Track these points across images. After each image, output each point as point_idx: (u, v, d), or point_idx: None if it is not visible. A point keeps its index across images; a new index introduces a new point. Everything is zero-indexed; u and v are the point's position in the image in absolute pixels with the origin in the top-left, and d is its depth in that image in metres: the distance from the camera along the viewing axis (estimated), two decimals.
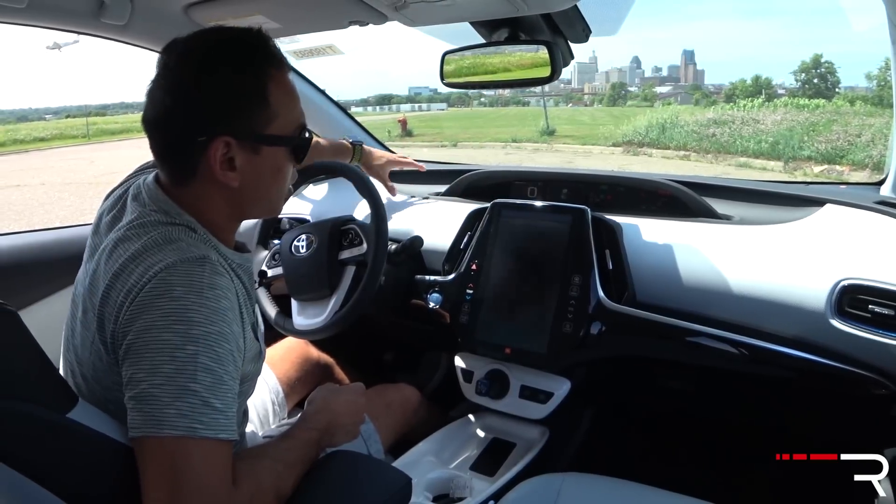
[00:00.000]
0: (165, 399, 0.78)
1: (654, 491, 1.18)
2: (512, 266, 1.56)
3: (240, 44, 0.92)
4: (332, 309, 1.58)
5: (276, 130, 0.92)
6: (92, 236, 1.01)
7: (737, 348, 1.34)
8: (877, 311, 1.22)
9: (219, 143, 0.89)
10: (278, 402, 1.59)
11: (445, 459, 1.54)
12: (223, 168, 0.90)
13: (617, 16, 1.36)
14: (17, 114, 52.82)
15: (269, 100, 0.91)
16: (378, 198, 1.57)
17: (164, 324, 0.80)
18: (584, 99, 60.18)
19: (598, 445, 1.67)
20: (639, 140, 22.03)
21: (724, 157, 18.93)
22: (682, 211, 1.58)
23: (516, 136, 25.86)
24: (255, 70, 0.90)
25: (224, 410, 0.81)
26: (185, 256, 0.85)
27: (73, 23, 1.47)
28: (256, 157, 0.92)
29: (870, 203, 1.41)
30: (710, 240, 1.46)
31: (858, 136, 17.13)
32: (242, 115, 0.90)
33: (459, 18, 1.35)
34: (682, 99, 47.07)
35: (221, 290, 0.86)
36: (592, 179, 1.74)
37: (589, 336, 1.43)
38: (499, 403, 1.55)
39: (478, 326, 1.55)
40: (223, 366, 0.82)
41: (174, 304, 0.81)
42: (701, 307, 1.41)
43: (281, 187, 0.99)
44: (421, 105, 59.14)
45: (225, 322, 0.84)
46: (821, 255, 1.33)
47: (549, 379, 1.51)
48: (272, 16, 1.41)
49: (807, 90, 34.61)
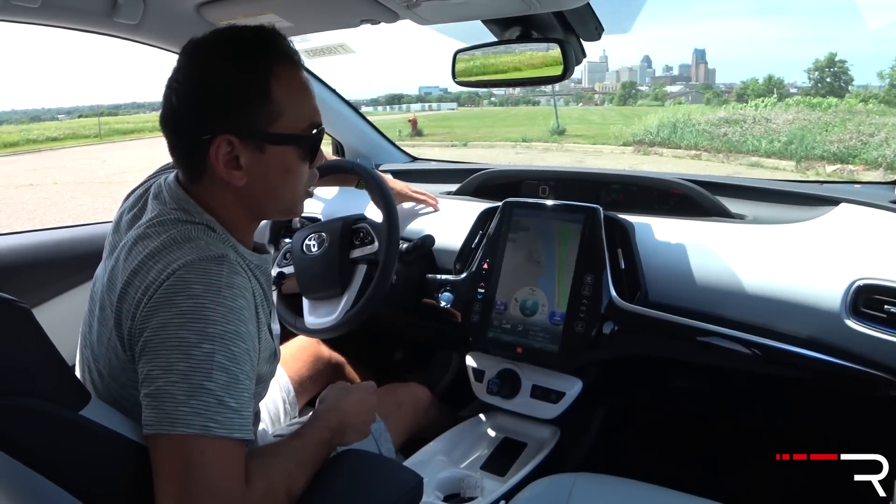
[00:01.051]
0: (181, 397, 0.78)
1: (666, 492, 1.17)
2: (523, 265, 1.55)
3: (242, 42, 0.92)
4: (344, 307, 1.58)
5: (281, 129, 0.92)
6: (112, 234, 1.02)
7: (750, 349, 1.32)
8: (893, 311, 1.21)
9: (221, 142, 0.88)
10: (289, 400, 1.59)
11: (456, 459, 1.54)
12: (228, 167, 0.90)
13: (630, 13, 1.35)
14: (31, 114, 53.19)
15: (273, 97, 0.90)
16: (390, 196, 1.57)
17: (181, 321, 0.80)
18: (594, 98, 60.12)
19: (609, 445, 1.66)
20: (649, 139, 21.93)
21: (736, 156, 18.80)
22: (694, 210, 1.57)
23: (526, 135, 25.80)
24: (257, 67, 0.90)
25: (239, 410, 0.81)
26: (204, 255, 0.85)
27: (86, 22, 1.47)
28: (262, 155, 0.91)
29: (885, 202, 1.39)
30: (723, 239, 1.45)
31: (871, 136, 16.97)
32: (244, 113, 0.89)
33: (471, 17, 1.35)
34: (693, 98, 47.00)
35: (239, 290, 0.86)
36: (604, 179, 1.73)
37: (601, 336, 1.43)
38: (510, 403, 1.55)
39: (489, 326, 1.55)
40: (239, 365, 0.82)
41: (191, 301, 0.81)
42: (714, 307, 1.40)
43: (294, 188, 0.98)
44: (431, 105, 59.27)
45: (241, 321, 0.84)
46: (835, 255, 1.32)
47: (561, 379, 1.51)
48: (284, 14, 1.41)
49: (819, 89, 34.44)
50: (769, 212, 1.54)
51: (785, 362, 1.31)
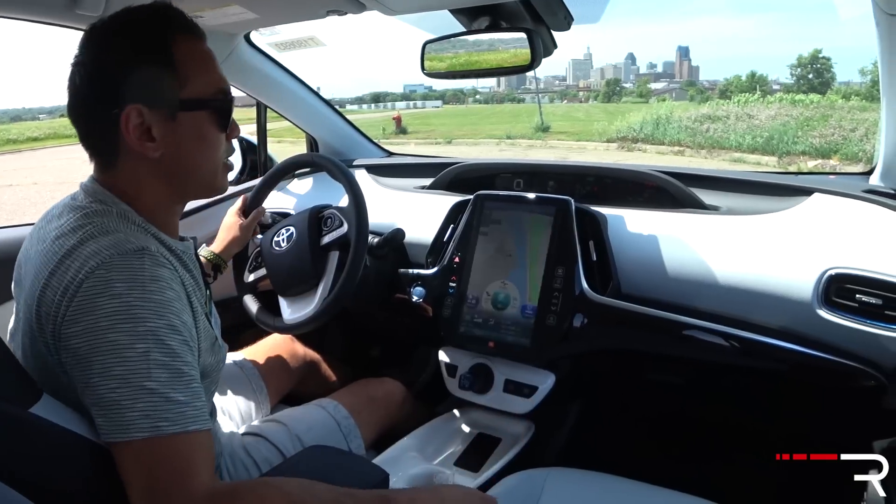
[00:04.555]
0: (125, 402, 0.76)
1: (638, 485, 1.17)
2: (495, 258, 1.53)
3: (139, 19, 0.91)
4: (321, 296, 1.54)
5: (189, 94, 0.91)
6: (31, 239, 0.98)
7: (724, 340, 1.31)
8: (864, 300, 1.20)
9: (130, 112, 0.87)
10: (261, 398, 1.56)
11: (429, 455, 1.52)
12: (141, 139, 0.89)
13: (600, 4, 1.33)
14: (11, 114, 52.56)
15: (176, 65, 0.90)
16: (352, 178, 1.55)
17: (109, 324, 0.77)
18: (578, 95, 60.23)
19: (584, 440, 1.65)
20: (633, 136, 22.11)
21: (719, 152, 19.01)
22: (669, 202, 1.56)
23: (511, 132, 25.89)
24: (156, 38, 0.89)
25: (189, 402, 0.79)
26: (123, 249, 0.82)
27: (47, 14, 1.43)
28: (174, 123, 0.91)
29: (858, 192, 1.39)
30: (696, 231, 1.44)
31: (853, 131, 17.19)
32: (149, 82, 0.88)
33: (439, 6, 1.33)
34: (677, 95, 47.31)
35: (165, 281, 0.83)
36: (579, 171, 1.72)
37: (572, 328, 1.41)
38: (483, 398, 1.53)
39: (460, 320, 1.53)
40: (179, 358, 0.80)
41: (116, 301, 0.78)
42: (687, 298, 1.39)
43: (211, 157, 0.97)
44: (416, 102, 59.17)
45: (173, 313, 0.82)
46: (808, 245, 1.31)
47: (534, 373, 1.49)
48: (248, 5, 1.38)
49: (802, 85, 34.78)
50: (743, 203, 1.53)
51: (759, 353, 1.30)
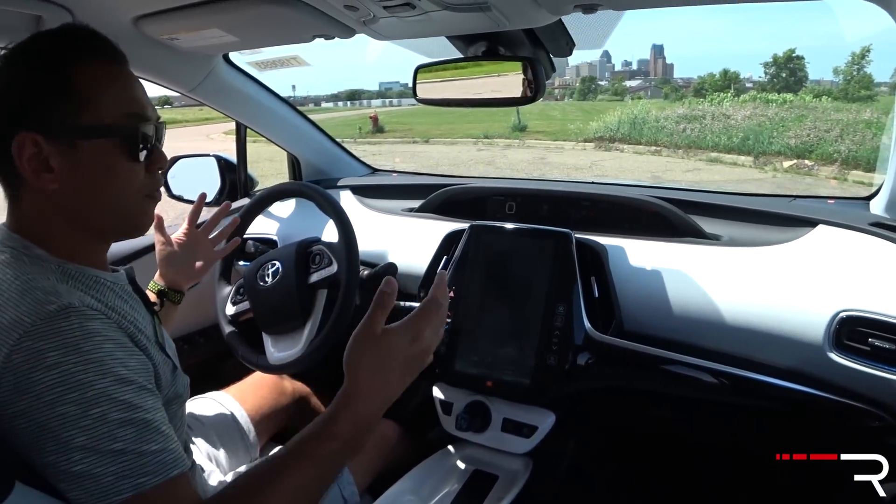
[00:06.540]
0: (96, 470, 0.70)
1: None
2: (492, 293, 1.47)
3: (40, 44, 0.84)
4: (308, 336, 1.47)
5: (88, 120, 0.82)
6: None
7: (728, 380, 1.27)
8: (877, 344, 1.16)
9: (24, 141, 0.79)
10: (250, 439, 1.49)
11: (425, 497, 1.45)
12: (37, 170, 0.81)
13: (604, 31, 1.27)
14: None
15: (74, 89, 0.81)
16: (343, 213, 1.49)
17: (52, 398, 0.70)
18: (554, 93, 60.38)
19: (583, 474, 1.61)
20: (610, 136, 22.24)
21: (695, 151, 19.18)
22: (668, 230, 1.52)
23: (488, 131, 25.81)
24: (54, 61, 0.82)
25: (164, 447, 0.75)
26: (45, 313, 0.73)
27: (12, 39, 1.35)
28: (74, 152, 0.82)
29: (864, 224, 1.35)
30: (700, 263, 1.39)
31: (827, 132, 17.47)
32: (44, 109, 0.81)
33: (434, 33, 1.27)
34: (652, 93, 47.81)
35: (100, 335, 0.75)
36: (573, 195, 1.67)
37: (575, 368, 1.36)
38: (480, 437, 1.47)
39: (456, 357, 1.46)
40: (139, 408, 0.75)
41: (54, 372, 0.71)
42: (692, 337, 1.35)
43: (122, 190, 0.87)
44: (392, 101, 58.84)
45: (118, 365, 0.75)
46: (816, 282, 1.27)
47: (533, 412, 1.43)
48: (229, 29, 1.30)
49: (775, 84, 35.27)
50: (745, 232, 1.49)
51: (763, 394, 1.26)
